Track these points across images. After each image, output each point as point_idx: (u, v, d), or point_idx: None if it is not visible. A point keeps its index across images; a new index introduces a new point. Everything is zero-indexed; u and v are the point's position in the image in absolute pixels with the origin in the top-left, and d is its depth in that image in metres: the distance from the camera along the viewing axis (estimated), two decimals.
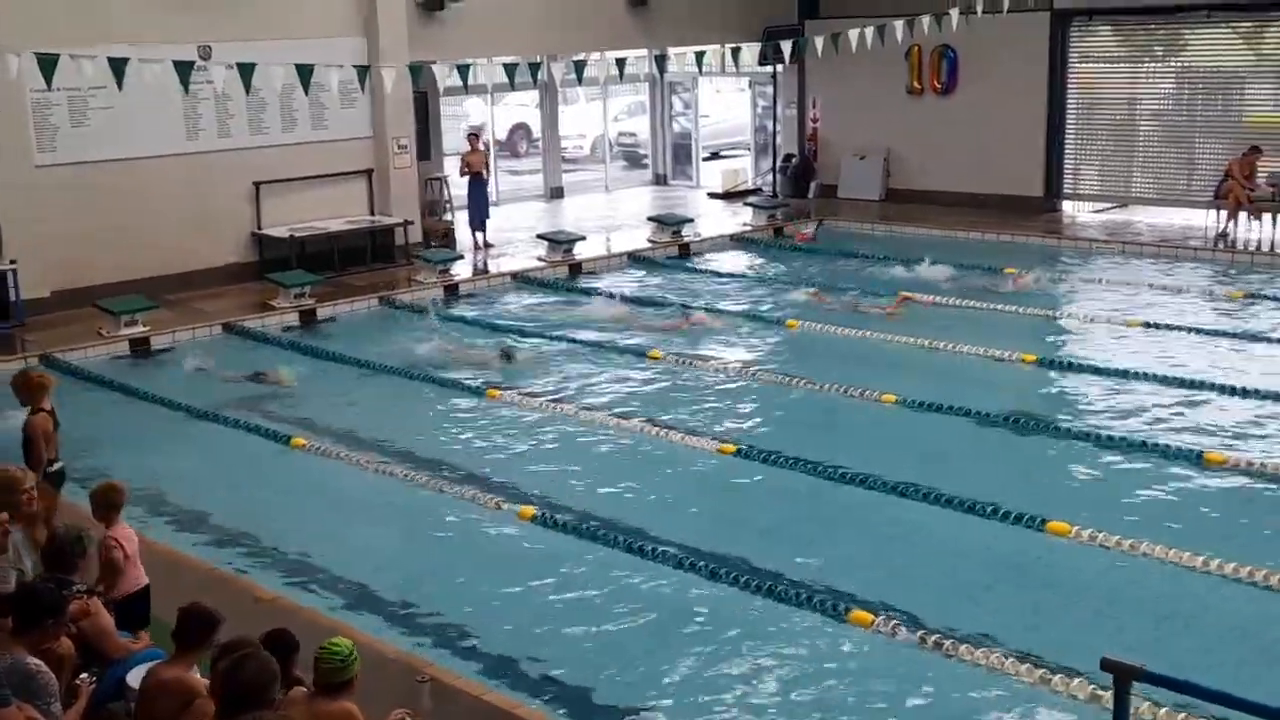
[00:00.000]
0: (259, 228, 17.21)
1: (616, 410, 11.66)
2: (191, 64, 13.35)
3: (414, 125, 18.78)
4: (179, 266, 16.36)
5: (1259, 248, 17.44)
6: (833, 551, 8.58)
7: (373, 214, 18.31)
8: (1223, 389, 11.44)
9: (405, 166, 18.52)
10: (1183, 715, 6.13)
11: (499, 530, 9.13)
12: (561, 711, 6.64)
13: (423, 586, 8.29)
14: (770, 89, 24.07)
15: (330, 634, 6.15)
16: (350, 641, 5.24)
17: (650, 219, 20.46)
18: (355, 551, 8.89)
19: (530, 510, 9.29)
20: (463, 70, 15.11)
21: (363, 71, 14.61)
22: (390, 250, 18.17)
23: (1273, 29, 19.13)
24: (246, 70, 13.21)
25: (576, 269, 18.04)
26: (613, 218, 22.15)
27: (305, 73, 13.50)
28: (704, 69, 20.25)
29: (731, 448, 10.47)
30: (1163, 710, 6.16)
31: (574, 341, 14.29)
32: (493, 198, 21.47)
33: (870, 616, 7.39)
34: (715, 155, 28.50)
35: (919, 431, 10.87)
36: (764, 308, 15.92)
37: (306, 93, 14.80)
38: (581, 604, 7.96)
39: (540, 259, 18.31)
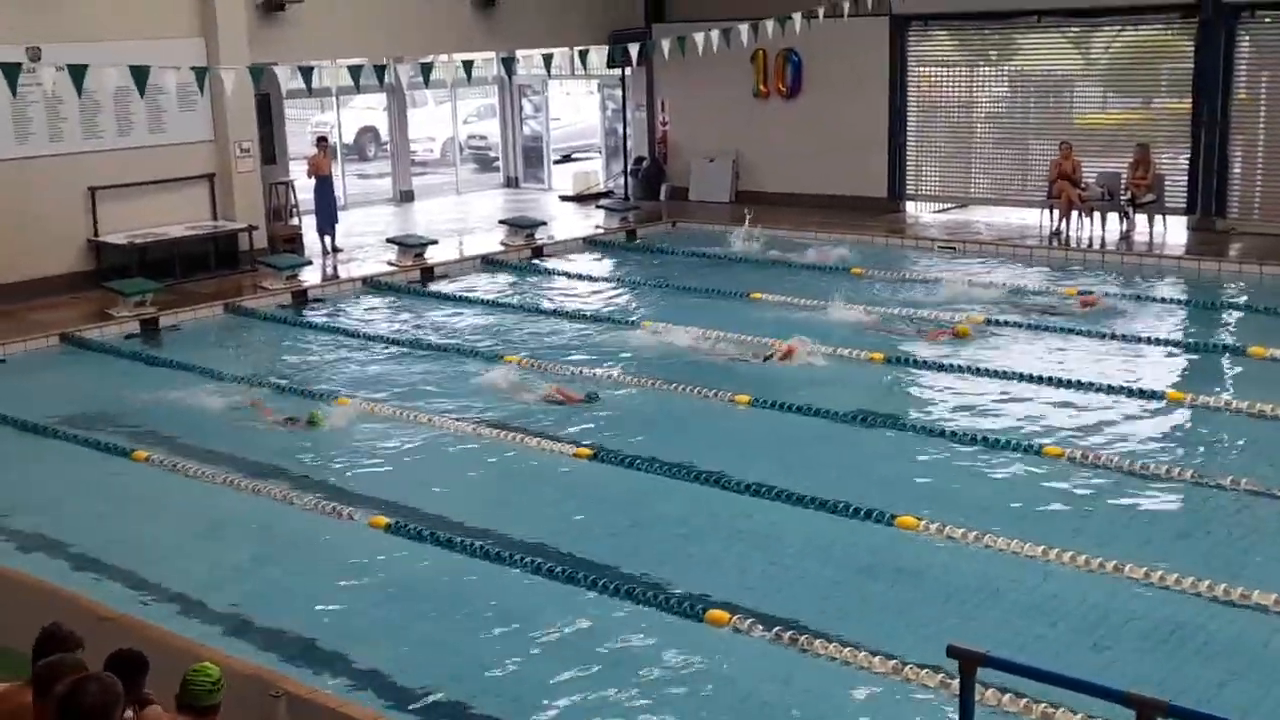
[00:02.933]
0: (96, 235, 16.65)
1: (470, 416, 11.58)
2: (19, 66, 12.84)
3: (257, 128, 18.37)
4: (10, 276, 15.75)
5: (1090, 245, 18.15)
6: (689, 552, 8.66)
7: (216, 219, 17.85)
8: (1059, 383, 11.86)
9: (249, 170, 18.11)
10: (1025, 700, 6.33)
11: (351, 540, 8.98)
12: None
13: (274, 600, 8.12)
14: (619, 92, 24.18)
15: (180, 652, 5.98)
16: (219, 669, 5.16)
17: (502, 222, 20.39)
18: (204, 566, 8.66)
19: (383, 519, 9.17)
20: (305, 72, 14.85)
21: (201, 73, 14.24)
22: (235, 256, 17.74)
23: (1100, 34, 19.93)
24: (78, 72, 12.77)
25: (428, 273, 17.87)
26: (464, 221, 22.01)
27: (141, 75, 13.10)
28: (553, 72, 20.25)
29: (588, 451, 10.49)
30: (1006, 696, 6.36)
31: (426, 346, 14.16)
32: (340, 201, 21.16)
33: (726, 616, 7.48)
34: (567, 158, 28.53)
35: (772, 431, 11.03)
36: (618, 309, 16.01)
37: (142, 95, 14.34)
38: (437, 612, 7.89)
39: (391, 263, 18.09)
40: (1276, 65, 18.13)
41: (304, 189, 19.98)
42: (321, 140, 19.96)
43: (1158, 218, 18.48)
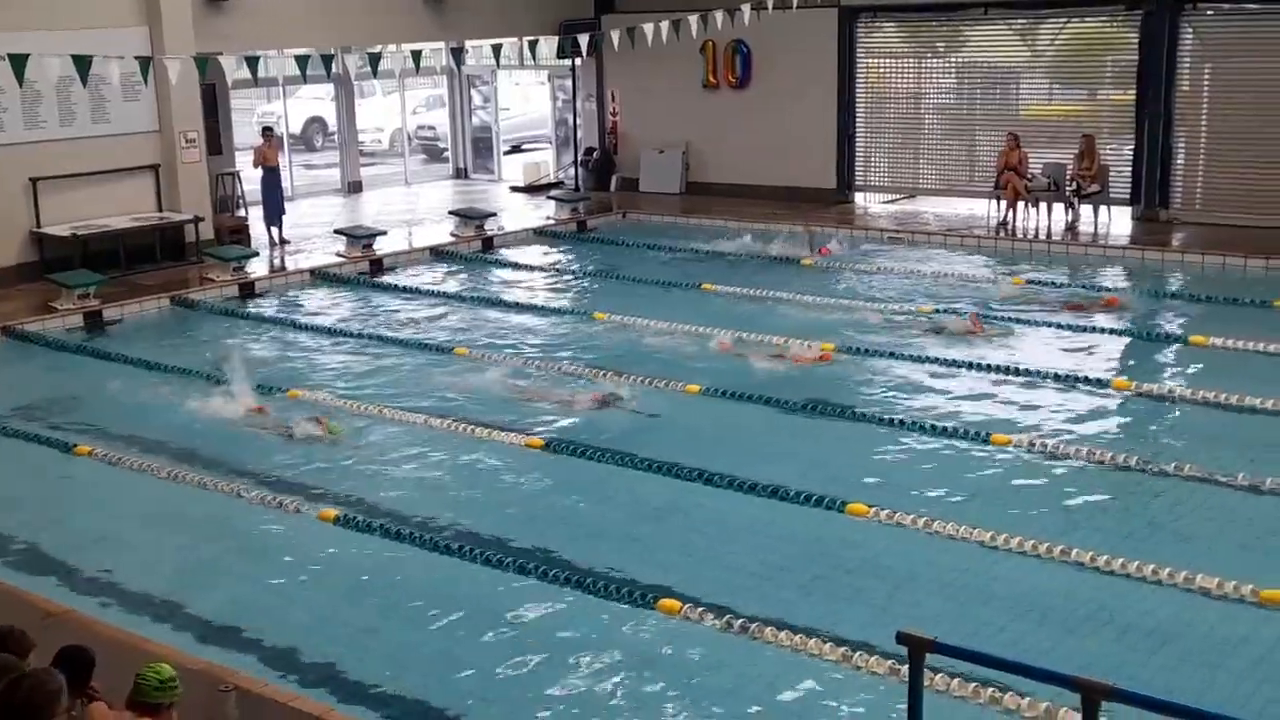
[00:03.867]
0: (38, 226, 16.40)
1: (421, 408, 11.52)
2: None
3: (202, 119, 18.17)
4: None
5: (1037, 235, 18.33)
6: (641, 541, 8.66)
7: (161, 211, 17.64)
8: (1006, 371, 11.98)
9: (194, 161, 17.91)
10: (974, 685, 6.40)
11: (300, 534, 8.92)
12: (374, 714, 6.52)
13: (222, 594, 8.04)
14: (569, 83, 24.13)
15: (128, 648, 5.92)
16: (173, 670, 5.12)
17: (452, 213, 20.31)
18: (150, 561, 8.58)
19: (332, 512, 9.11)
20: (251, 62, 14.70)
21: (145, 63, 14.06)
22: (181, 248, 17.55)
23: (1046, 26, 20.12)
24: (19, 61, 12.57)
25: (377, 264, 17.76)
26: (413, 212, 21.89)
27: (83, 64, 12.93)
28: (502, 62, 20.19)
29: (539, 442, 10.47)
30: (955, 680, 6.42)
31: (376, 339, 14.08)
32: (288, 192, 20.98)
33: (677, 605, 7.49)
34: (516, 149, 28.43)
35: (722, 420, 11.06)
36: (570, 300, 16.00)
37: (85, 85, 14.13)
38: (388, 605, 7.85)
39: (339, 255, 17.95)
40: (1219, 58, 18.38)
41: (251, 180, 19.80)
42: (268, 130, 19.77)
43: (1102, 208, 18.70)
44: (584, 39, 18.62)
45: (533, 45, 18.29)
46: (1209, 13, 18.29)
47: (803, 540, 8.55)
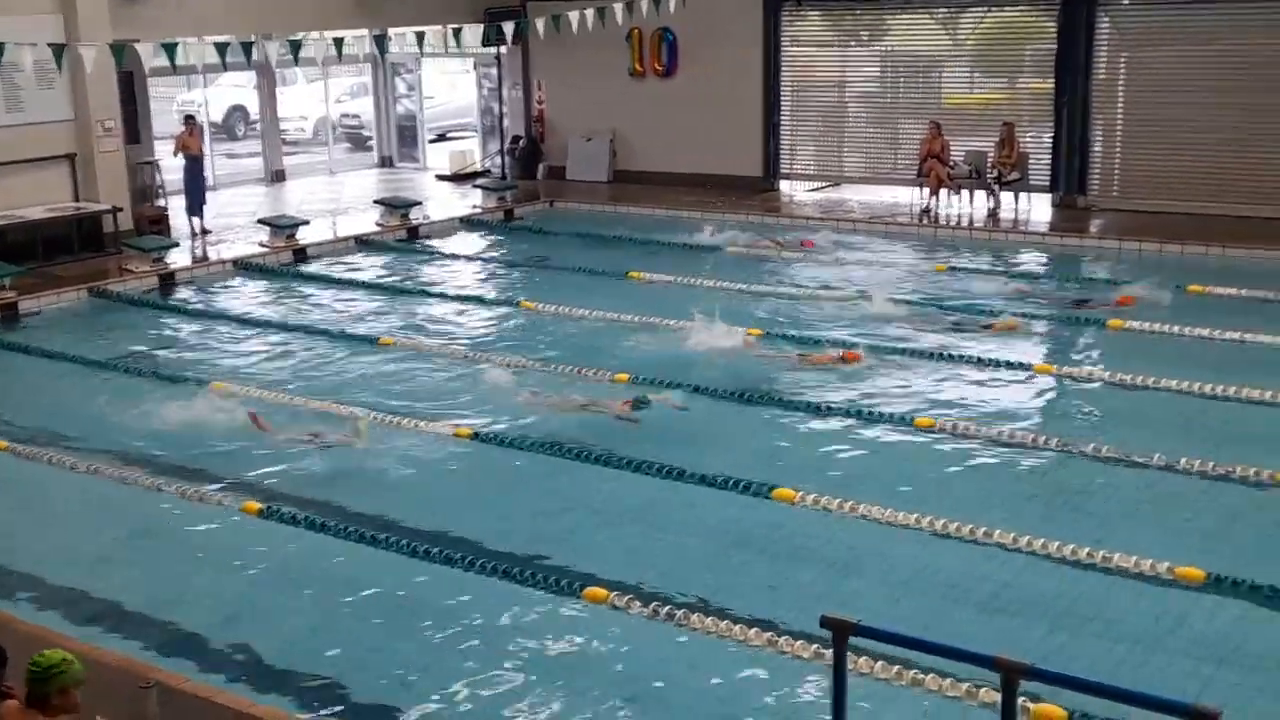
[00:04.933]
0: None
1: (345, 398, 11.43)
2: None
3: (120, 107, 17.84)
4: None
5: (959, 222, 18.56)
6: (567, 529, 8.66)
7: (78, 201, 17.30)
8: (929, 355, 12.12)
9: (112, 150, 17.59)
10: (897, 667, 6.48)
11: (223, 526, 8.81)
12: (299, 707, 6.46)
13: (142, 588, 7.93)
14: (495, 70, 24.00)
15: (44, 644, 5.80)
16: (62, 654, 4.98)
17: (377, 202, 20.13)
18: (69, 556, 8.43)
19: (255, 505, 9.01)
20: (169, 49, 14.46)
21: (59, 50, 13.77)
22: (99, 238, 17.23)
23: (967, 16, 20.34)
24: None
25: (301, 254, 17.56)
26: (338, 201, 21.69)
27: None
28: (426, 50, 20.03)
29: (467, 431, 10.43)
30: (879, 663, 6.50)
31: (300, 329, 13.94)
32: (209, 182, 20.68)
33: (604, 592, 7.51)
34: (442, 137, 28.28)
35: (651, 408, 11.07)
36: (497, 289, 15.94)
37: None
38: (314, 597, 7.79)
39: (262, 244, 17.73)
40: (1135, 47, 18.71)
41: (171, 169, 19.51)
42: (189, 119, 19.47)
43: (1023, 195, 18.98)
44: (509, 26, 18.54)
45: (457, 33, 18.18)
46: (1124, 3, 18.60)
47: (729, 526, 8.60)
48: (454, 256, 17.88)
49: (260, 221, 18.54)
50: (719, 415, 10.91)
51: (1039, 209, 18.94)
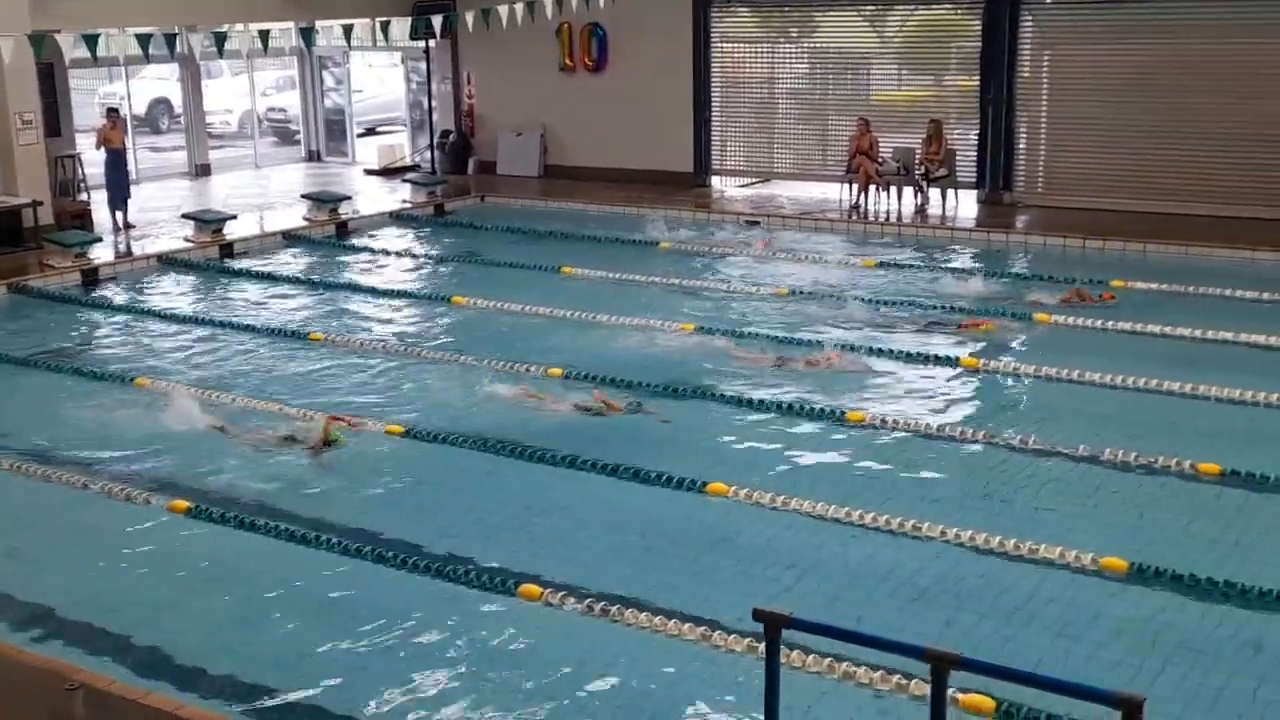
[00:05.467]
0: None
1: (275, 396, 11.30)
2: None
3: (40, 99, 17.48)
4: None
5: (888, 218, 18.74)
6: (501, 527, 8.63)
7: None
8: (858, 350, 12.23)
9: (31, 143, 17.23)
10: (829, 660, 6.54)
11: (150, 525, 8.68)
12: (230, 708, 6.38)
13: (66, 588, 7.77)
14: (424, 65, 23.84)
15: None
16: None
17: (305, 196, 19.93)
18: None
19: (183, 503, 8.88)
20: (90, 41, 14.19)
21: None
22: (18, 233, 16.90)
23: (894, 13, 20.54)
24: None
25: (227, 249, 17.33)
26: (265, 196, 21.45)
27: None
28: (354, 43, 19.85)
29: (399, 428, 10.36)
30: (811, 656, 6.55)
31: (228, 326, 13.76)
32: (133, 175, 20.34)
33: (538, 590, 7.49)
34: (371, 131, 28.05)
35: (585, 403, 11.05)
36: (428, 285, 15.85)
37: None
38: (244, 597, 7.69)
39: (187, 239, 17.48)
40: (1057, 45, 19.01)
41: (93, 163, 19.17)
42: (112, 112, 19.14)
43: (950, 191, 19.21)
44: (438, 20, 18.42)
45: (385, 26, 18.02)
46: (1047, 2, 18.89)
47: (663, 521, 8.62)
48: (384, 252, 17.74)
49: (185, 216, 18.28)
50: (651, 409, 10.91)
51: (966, 205, 19.18)
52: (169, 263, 16.70)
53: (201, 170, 23.69)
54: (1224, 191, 17.55)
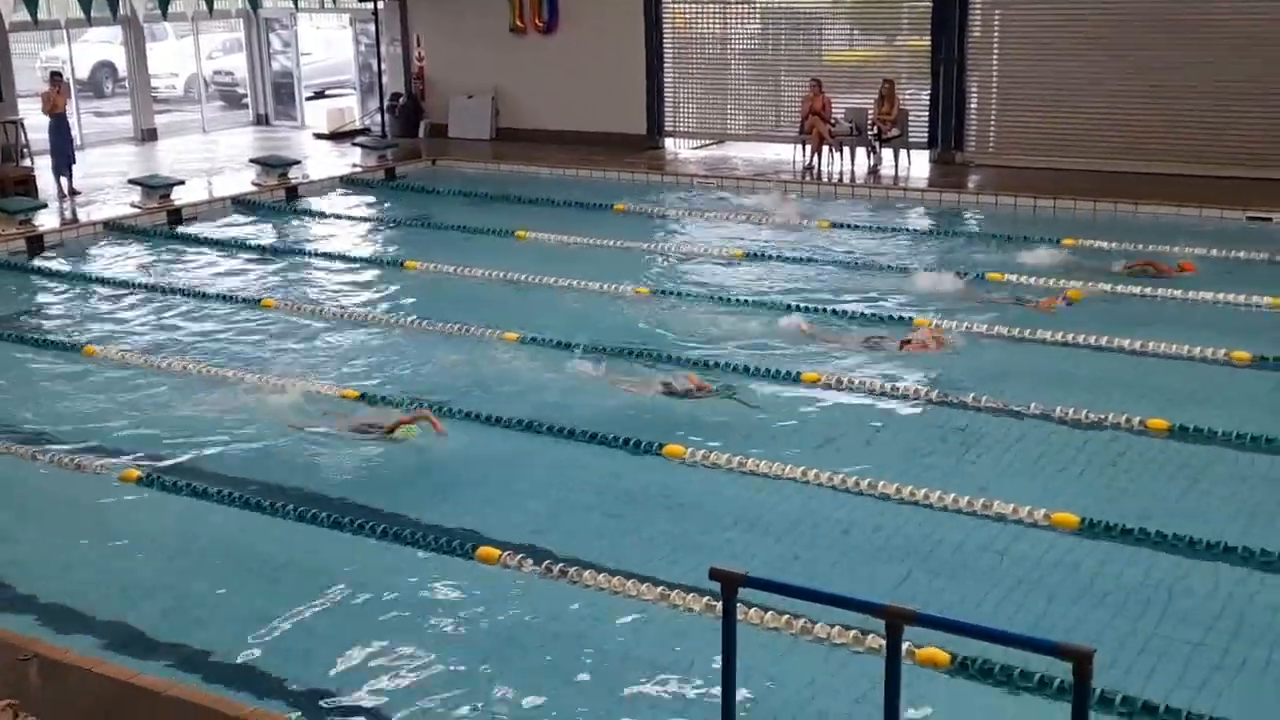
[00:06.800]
0: None
1: (225, 362, 11.20)
2: None
3: None
4: None
5: (841, 179, 18.78)
6: (459, 489, 8.61)
7: None
8: (815, 311, 12.27)
9: None
10: (786, 617, 6.59)
11: (101, 495, 8.59)
12: (180, 673, 6.35)
13: (21, 560, 7.69)
14: (372, 27, 23.56)
15: None
16: None
17: (254, 161, 19.69)
18: None
19: (135, 472, 8.80)
20: (31, 4, 13.91)
21: None
22: None
23: None
24: None
25: (175, 215, 17.11)
26: (213, 160, 21.17)
27: None
28: (301, 5, 19.59)
29: (354, 393, 10.29)
30: (768, 614, 6.60)
31: (177, 292, 13.60)
32: (77, 141, 20.02)
33: (496, 552, 7.49)
34: (320, 94, 27.73)
35: (542, 367, 11.04)
36: (380, 249, 15.74)
37: None
38: (199, 565, 7.64)
39: (134, 205, 17.23)
40: (1008, 5, 19.04)
41: (37, 128, 18.83)
42: (55, 76, 18.79)
43: (902, 152, 19.25)
44: None
45: None
46: None
47: (621, 482, 8.63)
48: (335, 216, 17.59)
49: (132, 182, 18.02)
50: (606, 372, 10.90)
51: (918, 165, 19.24)
52: (115, 229, 16.47)
53: (147, 135, 23.34)
54: (1173, 150, 17.69)
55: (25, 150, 18.99)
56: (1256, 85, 17.18)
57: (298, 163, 19.81)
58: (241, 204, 17.98)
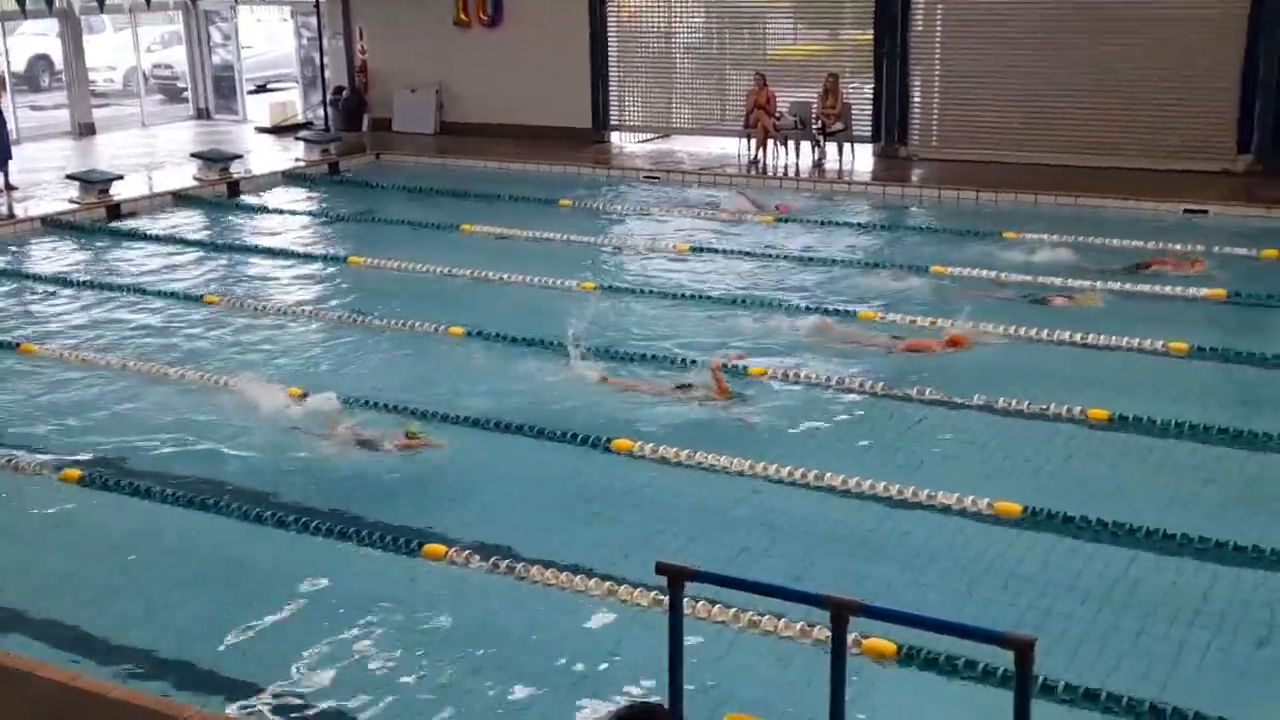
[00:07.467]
0: None
1: (167, 359, 11.07)
2: None
3: None
4: None
5: (786, 172, 18.85)
6: (402, 486, 8.57)
7: None
8: (756, 304, 12.32)
9: None
10: (734, 610, 6.62)
11: (41, 495, 8.46)
12: (126, 674, 6.27)
13: None
14: (314, 19, 23.34)
15: None
16: None
17: (195, 155, 19.46)
18: None
19: (75, 472, 8.68)
20: None
21: None
22: None
23: None
24: None
25: (114, 211, 16.88)
26: (153, 155, 20.93)
27: None
28: None
29: (298, 390, 10.20)
30: (716, 607, 6.63)
31: (117, 289, 13.42)
32: (13, 135, 19.68)
33: (443, 549, 7.47)
34: (262, 88, 27.46)
35: (487, 362, 11.01)
36: (324, 245, 15.61)
37: None
38: (141, 564, 7.55)
39: (73, 201, 16.99)
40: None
41: None
42: None
43: (846, 145, 19.36)
44: None
45: None
46: None
47: (569, 477, 8.62)
48: (278, 211, 17.43)
49: (70, 177, 17.74)
50: (554, 367, 10.89)
51: (862, 159, 19.35)
52: (53, 225, 16.22)
53: (85, 129, 23.01)
54: (1113, 144, 17.91)
55: None
56: (1193, 80, 17.43)
57: (239, 157, 19.61)
58: (182, 199, 17.76)
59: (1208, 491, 8.23)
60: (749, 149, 19.56)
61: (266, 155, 20.88)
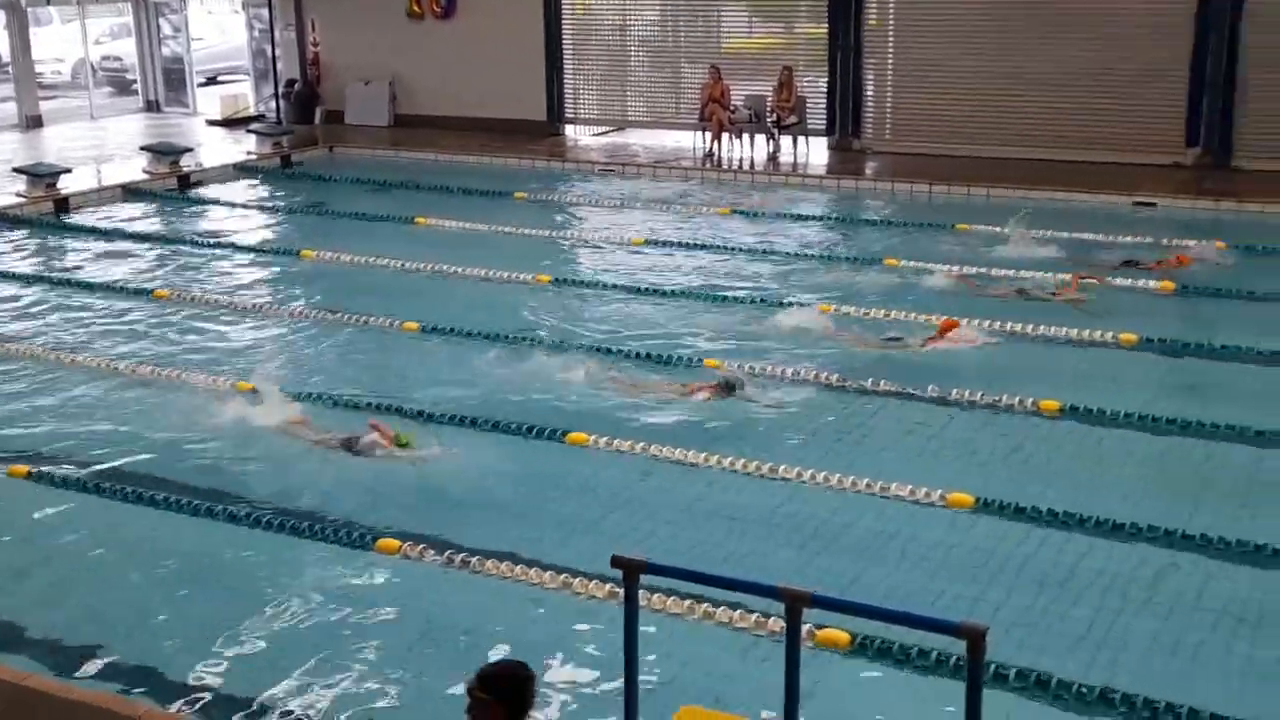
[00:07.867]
0: None
1: (116, 356, 10.93)
2: None
3: None
4: None
5: (741, 166, 18.88)
6: (356, 481, 8.50)
7: None
8: (714, 299, 12.34)
9: None
10: (689, 601, 6.62)
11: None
12: (75, 671, 6.20)
13: None
14: (266, 11, 23.13)
15: None
16: None
17: (144, 148, 19.22)
18: None
19: (23, 468, 8.56)
20: None
21: None
22: None
23: None
24: None
25: (62, 204, 16.66)
26: (101, 148, 20.67)
27: None
28: None
29: (249, 385, 10.10)
30: (671, 599, 6.63)
31: (64, 284, 13.25)
32: None
33: (396, 543, 7.42)
34: (213, 80, 27.22)
35: (438, 357, 10.95)
36: (276, 238, 15.48)
37: None
38: (96, 563, 7.45)
39: (19, 194, 16.75)
40: None
41: None
42: None
43: (801, 138, 19.41)
44: None
45: None
46: None
47: (523, 471, 8.59)
48: (229, 204, 17.26)
49: (16, 170, 17.49)
50: (507, 360, 10.85)
51: (816, 152, 19.41)
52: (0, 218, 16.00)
53: (32, 122, 22.71)
54: (1065, 137, 18.06)
55: None
56: (1143, 74, 17.60)
57: (190, 150, 19.41)
58: (132, 193, 17.56)
59: (1159, 480, 8.32)
60: (704, 142, 19.58)
61: (218, 148, 20.69)
